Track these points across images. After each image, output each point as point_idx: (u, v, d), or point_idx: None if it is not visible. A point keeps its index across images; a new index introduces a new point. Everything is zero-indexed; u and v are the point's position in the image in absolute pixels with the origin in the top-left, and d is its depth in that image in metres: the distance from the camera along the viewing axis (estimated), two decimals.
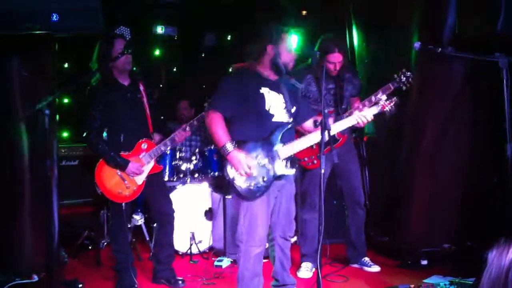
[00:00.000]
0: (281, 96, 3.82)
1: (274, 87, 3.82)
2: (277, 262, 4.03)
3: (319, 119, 3.55)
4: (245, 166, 3.63)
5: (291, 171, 3.85)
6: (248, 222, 3.76)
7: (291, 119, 3.87)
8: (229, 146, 3.66)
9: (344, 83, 4.86)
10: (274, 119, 3.78)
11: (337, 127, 3.94)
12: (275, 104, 3.79)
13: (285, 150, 3.78)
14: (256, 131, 3.76)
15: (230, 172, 3.71)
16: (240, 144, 3.71)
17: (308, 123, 4.04)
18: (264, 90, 3.77)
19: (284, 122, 3.82)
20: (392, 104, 4.03)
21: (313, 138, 3.85)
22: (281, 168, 3.78)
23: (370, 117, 3.94)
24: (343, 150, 4.88)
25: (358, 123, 3.93)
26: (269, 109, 3.76)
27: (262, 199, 3.75)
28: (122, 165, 4.39)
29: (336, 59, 4.70)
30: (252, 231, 3.76)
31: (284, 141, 3.80)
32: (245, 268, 3.80)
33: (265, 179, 3.72)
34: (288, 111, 3.85)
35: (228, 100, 3.76)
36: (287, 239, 4.01)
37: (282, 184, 3.87)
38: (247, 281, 3.79)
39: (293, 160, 3.88)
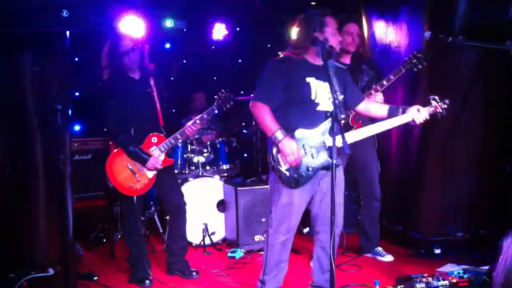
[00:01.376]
0: (327, 84, 3.68)
1: (321, 74, 3.68)
2: (315, 261, 3.94)
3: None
4: (296, 154, 3.56)
5: (336, 163, 3.59)
6: (281, 209, 3.70)
7: (338, 109, 3.63)
8: (280, 134, 3.57)
9: (361, 74, 4.85)
10: (318, 108, 3.69)
11: (392, 123, 3.83)
12: (321, 93, 3.69)
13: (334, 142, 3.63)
14: (301, 119, 3.66)
15: (277, 157, 3.63)
16: (288, 132, 3.62)
17: (361, 107, 3.97)
18: (310, 79, 3.67)
19: (330, 111, 3.65)
20: (444, 106, 3.83)
21: (369, 130, 3.83)
22: (327, 159, 3.66)
23: (424, 117, 3.78)
24: (362, 140, 4.86)
25: (413, 121, 3.79)
26: (314, 99, 3.67)
27: (302, 189, 3.68)
28: (144, 159, 4.43)
29: (352, 29, 4.75)
30: (284, 219, 3.70)
31: (333, 132, 3.64)
32: (270, 254, 3.78)
33: (310, 169, 3.64)
34: (335, 99, 3.60)
35: (274, 91, 3.68)
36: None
37: (326, 174, 3.75)
38: (271, 267, 3.78)
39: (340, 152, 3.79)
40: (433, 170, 5.12)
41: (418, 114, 3.77)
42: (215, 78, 8.90)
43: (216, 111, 4.61)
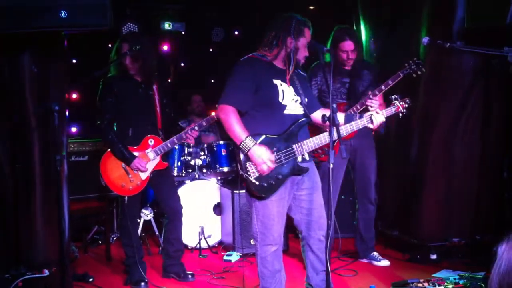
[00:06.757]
0: (291, 88, 3.65)
1: (285, 77, 3.63)
2: (308, 265, 3.84)
3: (328, 113, 3.43)
4: (269, 162, 3.45)
5: (307, 168, 3.64)
6: (261, 222, 3.60)
7: (304, 112, 3.68)
8: (250, 142, 3.43)
9: (360, 79, 4.85)
10: (286, 111, 3.60)
11: (348, 129, 3.69)
12: (287, 96, 3.61)
13: (303, 146, 3.60)
14: (269, 124, 3.57)
15: (245, 166, 3.50)
16: (256, 138, 3.49)
17: (316, 114, 3.80)
18: (277, 82, 3.59)
19: (297, 115, 3.64)
20: (406, 105, 3.85)
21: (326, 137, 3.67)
22: (297, 164, 3.60)
23: (382, 119, 3.72)
24: (362, 144, 4.89)
25: (372, 123, 3.70)
26: (281, 101, 3.58)
27: (275, 197, 3.57)
28: (128, 159, 4.44)
29: (347, 47, 4.73)
30: (266, 230, 3.59)
31: (301, 137, 3.65)
32: (264, 267, 3.68)
33: (280, 176, 3.52)
34: (301, 103, 3.67)
35: (242, 93, 3.53)
36: (320, 240, 3.71)
37: (301, 179, 3.68)
38: (267, 279, 3.69)
39: (308, 155, 3.69)
40: (431, 176, 5.11)
41: (376, 115, 3.70)
42: (212, 81, 8.93)
43: (215, 119, 4.65)
